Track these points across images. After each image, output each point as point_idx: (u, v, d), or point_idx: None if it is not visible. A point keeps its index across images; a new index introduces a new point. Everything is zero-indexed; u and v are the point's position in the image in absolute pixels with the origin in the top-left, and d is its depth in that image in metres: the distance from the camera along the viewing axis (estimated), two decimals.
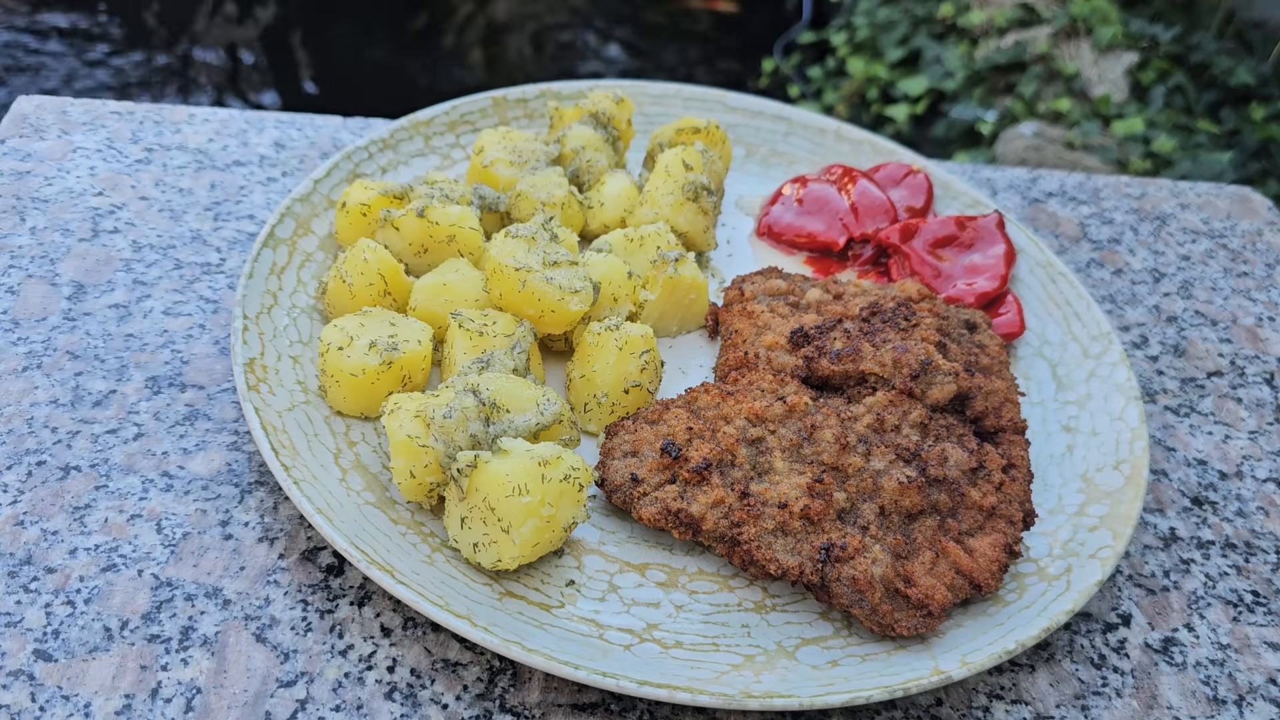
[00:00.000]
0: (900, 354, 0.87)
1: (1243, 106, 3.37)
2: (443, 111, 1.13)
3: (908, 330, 0.91)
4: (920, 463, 0.80)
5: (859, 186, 1.15)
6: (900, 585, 0.74)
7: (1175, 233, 1.31)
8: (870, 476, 0.79)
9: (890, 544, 0.76)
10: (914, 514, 0.78)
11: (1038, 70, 3.60)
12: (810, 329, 0.91)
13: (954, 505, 0.79)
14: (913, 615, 0.73)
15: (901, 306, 0.94)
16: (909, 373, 0.86)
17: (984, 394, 0.88)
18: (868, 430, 0.83)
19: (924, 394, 0.86)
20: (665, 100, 1.23)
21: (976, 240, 1.11)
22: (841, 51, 4.14)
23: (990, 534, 0.78)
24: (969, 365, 0.90)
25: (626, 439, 0.81)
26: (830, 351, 0.88)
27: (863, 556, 0.74)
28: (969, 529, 0.79)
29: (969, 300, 1.05)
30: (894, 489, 0.78)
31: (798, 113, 1.26)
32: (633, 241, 0.97)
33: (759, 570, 0.74)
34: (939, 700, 0.75)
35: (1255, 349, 1.14)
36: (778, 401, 0.83)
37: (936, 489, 0.79)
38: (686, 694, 0.67)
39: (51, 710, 0.66)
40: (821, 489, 0.76)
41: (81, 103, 1.20)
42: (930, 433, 0.84)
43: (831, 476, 0.78)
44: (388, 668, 0.71)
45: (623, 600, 0.75)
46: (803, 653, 0.73)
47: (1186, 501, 0.95)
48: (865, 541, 0.75)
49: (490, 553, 0.72)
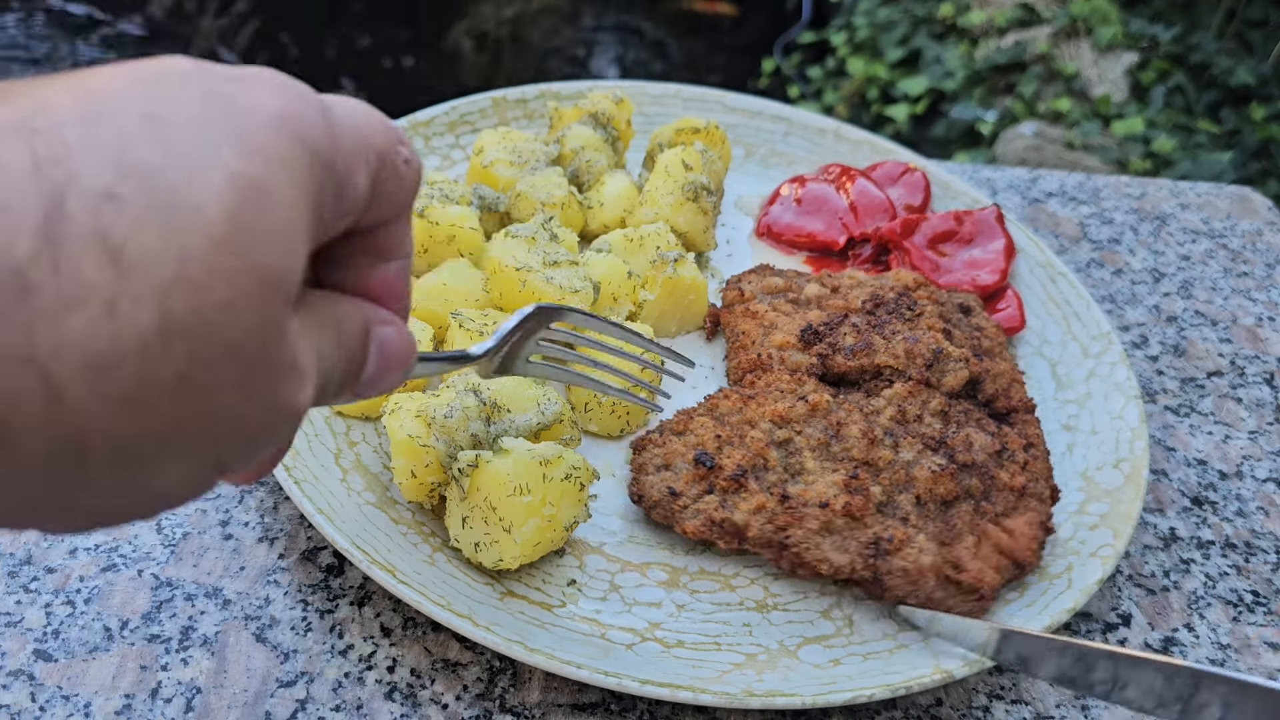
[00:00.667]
0: (912, 345, 0.87)
1: (1242, 106, 3.37)
2: (442, 112, 1.13)
3: (913, 320, 0.91)
4: (947, 450, 0.81)
5: (857, 185, 1.15)
6: (950, 572, 0.75)
7: (1175, 233, 1.31)
8: (902, 468, 0.79)
9: (932, 532, 0.76)
10: (949, 501, 0.79)
11: (1038, 70, 3.60)
12: (819, 326, 0.91)
13: (986, 488, 0.80)
14: (967, 600, 0.74)
15: (903, 296, 0.94)
16: (922, 362, 0.87)
17: (992, 376, 0.88)
18: (891, 422, 0.83)
19: (939, 382, 0.86)
20: (665, 100, 1.23)
21: (975, 235, 1.11)
22: (841, 52, 4.14)
23: (1025, 513, 0.80)
24: (974, 350, 0.91)
25: (657, 453, 0.81)
26: (844, 348, 0.89)
27: (910, 547, 0.75)
28: (1003, 510, 0.79)
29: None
30: (927, 478, 0.78)
31: (797, 113, 1.26)
32: (632, 241, 0.97)
33: (809, 571, 0.74)
34: (939, 700, 0.75)
35: (1255, 349, 1.14)
36: (800, 401, 0.83)
37: (967, 474, 0.80)
38: (689, 693, 0.67)
39: (52, 710, 0.66)
40: (858, 485, 0.77)
41: None
42: (951, 420, 0.85)
43: (865, 471, 0.78)
44: (388, 668, 0.71)
45: (624, 600, 0.75)
46: (804, 651, 0.73)
47: (1186, 501, 0.95)
48: (909, 532, 0.75)
49: (492, 552, 0.72)
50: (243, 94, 0.34)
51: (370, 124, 0.39)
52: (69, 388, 0.28)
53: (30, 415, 0.28)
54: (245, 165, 0.32)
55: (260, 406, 0.34)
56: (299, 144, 0.34)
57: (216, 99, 0.33)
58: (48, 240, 0.28)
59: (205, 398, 0.31)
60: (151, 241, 0.29)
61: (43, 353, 0.27)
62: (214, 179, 0.31)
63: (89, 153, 0.29)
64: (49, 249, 0.27)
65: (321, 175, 0.35)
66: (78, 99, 0.31)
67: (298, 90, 0.36)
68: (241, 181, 0.31)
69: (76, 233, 0.28)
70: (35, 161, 0.28)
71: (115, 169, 0.29)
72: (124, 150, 0.30)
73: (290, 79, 0.36)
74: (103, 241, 0.28)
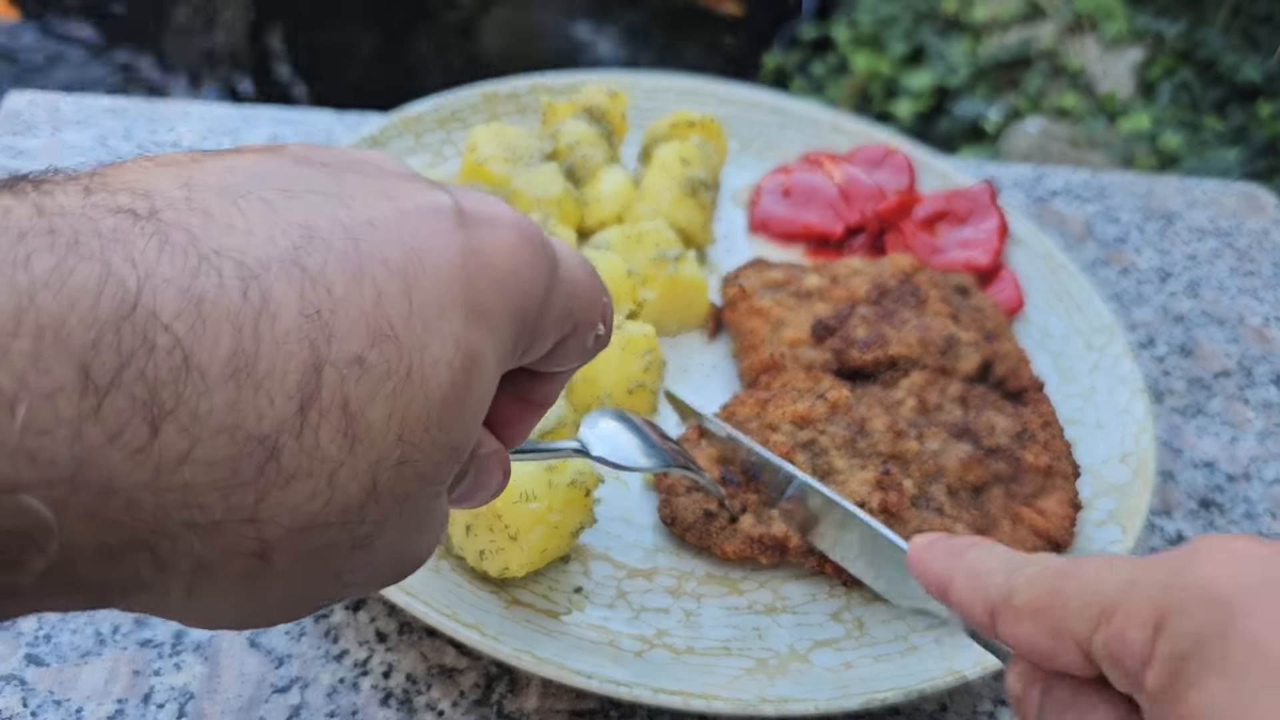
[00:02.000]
0: (924, 332, 0.86)
1: (1249, 103, 3.35)
2: (432, 108, 1.11)
3: (919, 306, 0.90)
4: (972, 436, 0.80)
5: (845, 172, 1.13)
6: None
7: (1182, 231, 1.29)
8: (930, 458, 0.79)
9: (969, 521, 0.76)
10: (979, 487, 0.78)
11: (1043, 66, 3.58)
12: (830, 320, 0.89)
13: (1014, 472, 0.80)
14: None
15: (905, 282, 0.92)
16: (936, 349, 0.85)
17: (1001, 358, 0.87)
18: (913, 413, 0.82)
19: (954, 368, 0.85)
20: (659, 94, 1.21)
21: (968, 214, 1.09)
22: (844, 47, 4.12)
23: (1053, 492, 0.79)
24: (981, 332, 0.89)
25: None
26: (857, 341, 0.87)
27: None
28: (1033, 492, 0.79)
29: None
30: (956, 467, 0.77)
31: (793, 104, 1.24)
32: (631, 238, 0.96)
33: (853, 576, 0.73)
34: (943, 706, 0.74)
35: (1263, 349, 1.13)
36: (819, 400, 0.81)
37: (994, 459, 0.79)
38: (701, 700, 0.66)
39: (44, 715, 0.66)
40: (891, 480, 0.76)
41: (74, 99, 1.19)
42: (970, 405, 0.84)
43: (895, 466, 0.77)
44: (383, 673, 0.70)
45: (631, 606, 0.74)
46: (815, 655, 0.72)
47: (1194, 504, 0.93)
48: (946, 523, 0.74)
49: (497, 560, 0.71)
50: (486, 243, 0.32)
51: (584, 294, 0.38)
52: (275, 547, 0.27)
53: (236, 569, 0.27)
54: (470, 332, 0.31)
55: (412, 559, 0.35)
56: (518, 309, 0.33)
57: (470, 255, 0.31)
58: (300, 408, 0.26)
59: (369, 556, 0.31)
60: (380, 414, 0.28)
61: (264, 514, 0.27)
62: (444, 349, 0.29)
63: (349, 309, 0.27)
64: (298, 417, 0.26)
65: (522, 338, 0.34)
66: (348, 231, 0.28)
67: (535, 245, 0.34)
68: (464, 352, 0.30)
69: (325, 401, 0.27)
70: (303, 310, 0.26)
71: (368, 332, 0.28)
72: (378, 309, 0.28)
73: (530, 225, 0.35)
74: (344, 411, 0.27)
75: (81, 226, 0.24)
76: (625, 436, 0.70)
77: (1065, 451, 0.82)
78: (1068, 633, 0.37)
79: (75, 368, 0.22)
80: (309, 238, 0.27)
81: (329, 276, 0.27)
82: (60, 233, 0.23)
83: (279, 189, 0.29)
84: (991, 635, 0.42)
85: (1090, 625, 0.35)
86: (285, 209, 0.28)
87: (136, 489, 0.24)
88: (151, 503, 0.24)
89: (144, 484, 0.24)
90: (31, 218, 0.23)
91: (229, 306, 0.25)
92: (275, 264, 0.26)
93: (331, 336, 0.27)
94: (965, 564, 0.44)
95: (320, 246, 0.27)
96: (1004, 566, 0.42)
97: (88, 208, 0.24)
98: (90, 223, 0.24)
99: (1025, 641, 0.39)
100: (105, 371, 0.23)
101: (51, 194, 0.25)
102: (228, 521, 0.26)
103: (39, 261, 0.22)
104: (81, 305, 0.22)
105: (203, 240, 0.25)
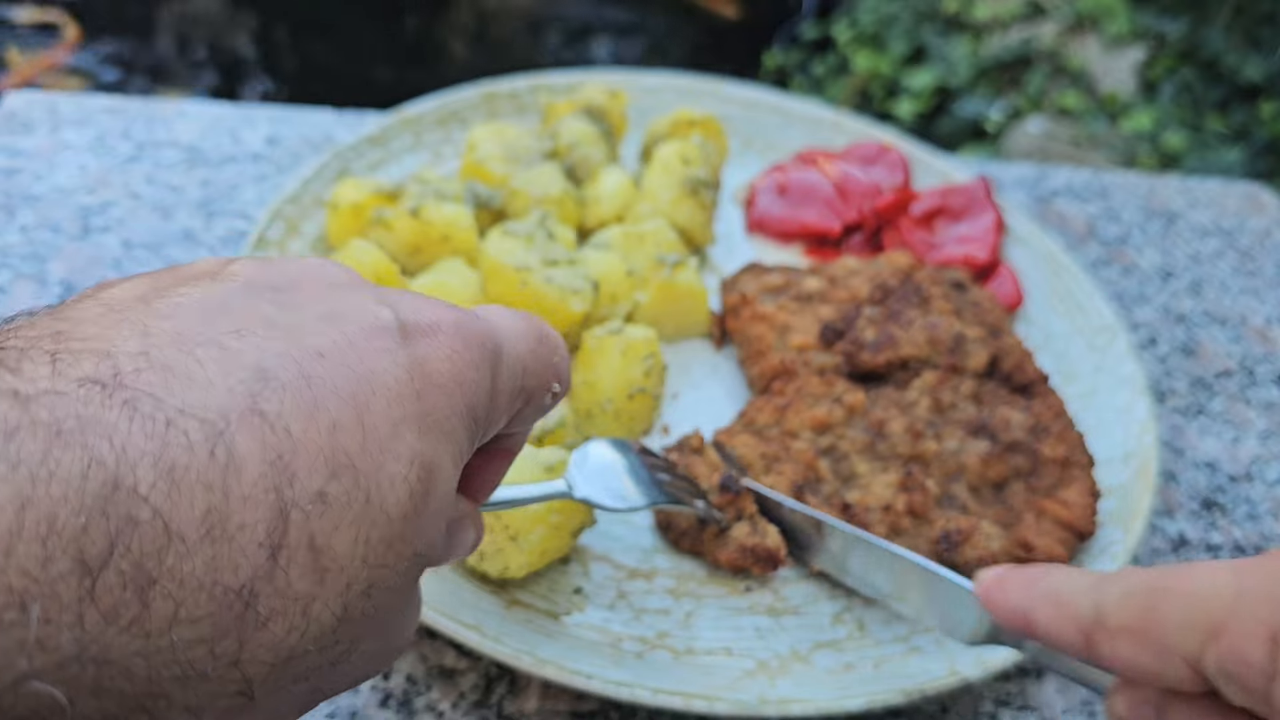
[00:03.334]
0: (932, 331, 0.86)
1: (1251, 103, 3.35)
2: (432, 108, 1.11)
3: (923, 305, 0.90)
4: (988, 432, 0.81)
5: (840, 170, 1.13)
6: (1021, 553, 0.74)
7: (1183, 231, 1.29)
8: (950, 458, 0.79)
9: (994, 517, 0.76)
10: (1000, 484, 0.78)
11: (1044, 66, 3.58)
12: (837, 323, 0.89)
13: (1033, 465, 0.80)
14: None
15: (906, 281, 0.92)
16: (945, 348, 0.85)
17: (1006, 352, 0.87)
18: (929, 413, 0.82)
19: (964, 366, 0.85)
20: (659, 92, 1.21)
21: (964, 210, 1.09)
22: (845, 47, 4.12)
23: (1073, 483, 0.80)
24: (984, 327, 0.89)
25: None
26: (867, 343, 0.87)
27: (978, 535, 0.74)
28: (1053, 483, 0.79)
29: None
30: (977, 464, 0.78)
31: (794, 103, 1.24)
32: (632, 238, 0.96)
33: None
34: (944, 708, 0.73)
35: (1265, 349, 1.12)
36: (835, 404, 0.81)
37: (1013, 454, 0.79)
38: (702, 701, 0.65)
39: None
40: (914, 482, 0.76)
41: (71, 98, 1.19)
42: (983, 401, 0.84)
43: (916, 467, 0.77)
44: (383, 675, 0.70)
45: (632, 607, 0.74)
46: (817, 656, 0.72)
47: (1195, 505, 0.93)
48: (973, 521, 0.74)
49: (497, 561, 0.70)
50: (430, 355, 0.33)
51: (534, 367, 0.39)
52: (258, 683, 0.28)
53: (221, 707, 0.28)
54: (423, 444, 0.31)
55: (388, 656, 0.37)
56: (467, 409, 0.34)
57: (415, 369, 0.32)
58: (270, 554, 0.27)
59: (347, 668, 0.32)
60: (344, 542, 0.29)
61: (246, 656, 0.28)
62: (399, 467, 0.31)
63: (307, 445, 0.28)
64: (270, 562, 0.27)
65: (475, 433, 0.35)
66: (300, 368, 0.29)
67: (476, 344, 0.35)
68: (418, 465, 0.31)
69: (293, 543, 0.28)
70: (265, 458, 0.27)
71: (326, 465, 0.29)
72: (334, 441, 0.29)
73: (469, 324, 0.36)
74: (310, 548, 0.28)
75: (60, 412, 0.25)
76: (615, 471, 0.70)
77: (1079, 442, 0.83)
78: (1173, 650, 0.36)
79: (72, 557, 0.24)
80: (264, 382, 0.28)
81: (285, 419, 0.28)
82: (41, 423, 0.25)
83: (230, 330, 0.30)
84: (1087, 659, 0.40)
85: (1198, 642, 0.34)
86: (238, 351, 0.29)
87: (131, 657, 0.25)
88: (144, 667, 0.25)
89: (137, 651, 0.25)
90: (13, 410, 0.25)
91: (199, 469, 0.26)
92: (235, 415, 0.27)
93: (294, 478, 0.28)
94: (1044, 592, 0.42)
95: (275, 389, 0.28)
96: (1087, 588, 0.40)
97: (58, 382, 0.26)
98: (65, 403, 0.25)
99: (1128, 661, 0.37)
100: (97, 554, 0.24)
101: (19, 370, 0.26)
102: (214, 670, 0.27)
103: (29, 456, 0.24)
104: (71, 495, 0.24)
105: (166, 401, 0.26)
